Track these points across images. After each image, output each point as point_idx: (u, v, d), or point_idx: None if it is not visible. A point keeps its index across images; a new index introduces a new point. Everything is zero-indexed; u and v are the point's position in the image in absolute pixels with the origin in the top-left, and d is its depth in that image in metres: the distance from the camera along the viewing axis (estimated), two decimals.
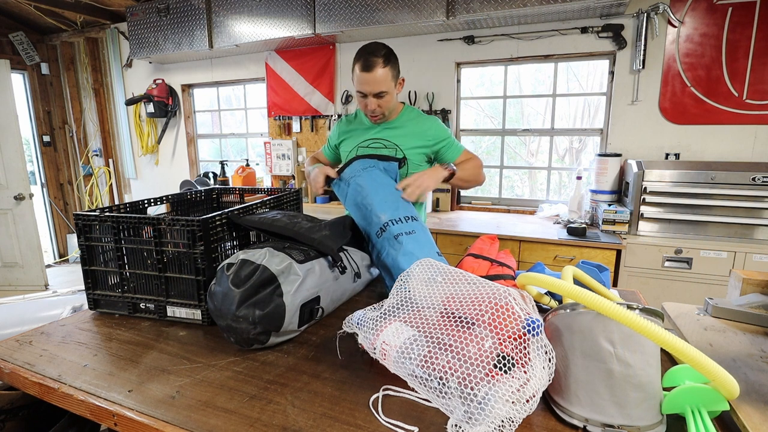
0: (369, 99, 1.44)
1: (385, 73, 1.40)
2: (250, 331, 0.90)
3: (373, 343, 0.79)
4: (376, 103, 1.45)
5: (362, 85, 1.42)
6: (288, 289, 0.93)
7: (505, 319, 0.71)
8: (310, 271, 1.00)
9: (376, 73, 1.39)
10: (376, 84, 1.40)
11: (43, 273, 4.15)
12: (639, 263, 2.30)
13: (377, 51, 1.40)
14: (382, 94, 1.43)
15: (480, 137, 3.48)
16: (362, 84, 1.42)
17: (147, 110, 4.21)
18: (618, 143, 2.75)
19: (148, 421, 0.71)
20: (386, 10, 2.83)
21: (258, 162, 4.11)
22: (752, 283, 1.04)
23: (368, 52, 1.39)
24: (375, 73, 1.39)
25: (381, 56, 1.39)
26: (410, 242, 1.19)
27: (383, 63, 1.39)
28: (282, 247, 1.03)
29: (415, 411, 0.73)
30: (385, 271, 1.21)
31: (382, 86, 1.41)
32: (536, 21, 2.76)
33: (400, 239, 1.20)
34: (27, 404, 1.01)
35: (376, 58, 1.38)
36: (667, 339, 0.58)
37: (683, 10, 2.48)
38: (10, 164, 3.94)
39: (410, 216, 1.25)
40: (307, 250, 1.06)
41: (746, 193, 2.18)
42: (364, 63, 1.39)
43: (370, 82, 1.40)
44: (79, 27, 4.41)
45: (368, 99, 1.44)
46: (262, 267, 0.93)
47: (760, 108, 2.43)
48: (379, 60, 1.38)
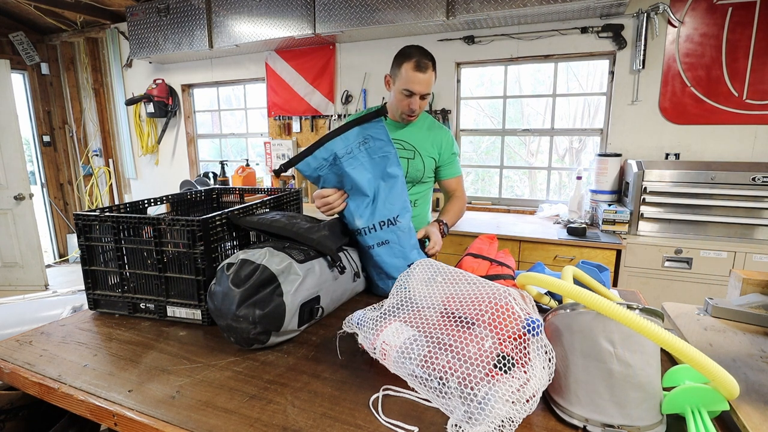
0: (414, 98, 1.48)
1: (432, 76, 1.48)
2: (250, 330, 0.90)
3: (373, 343, 0.79)
4: (420, 103, 1.50)
5: (415, 84, 1.45)
6: (288, 289, 0.93)
7: (505, 319, 0.71)
8: (310, 271, 1.00)
9: (429, 76, 1.45)
10: (428, 86, 1.47)
11: (43, 273, 4.15)
12: (639, 263, 2.30)
13: (428, 54, 1.47)
14: (427, 96, 1.50)
15: (480, 137, 3.48)
16: (415, 83, 1.45)
17: (147, 110, 4.21)
18: (618, 143, 2.75)
19: (148, 421, 0.71)
20: (386, 10, 2.82)
21: (258, 162, 4.11)
22: (752, 283, 1.04)
23: (421, 54, 1.45)
24: (428, 76, 1.45)
25: (431, 60, 1.47)
26: (382, 254, 1.19)
27: (433, 67, 1.47)
28: (282, 247, 1.03)
29: (415, 411, 0.73)
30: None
31: (430, 88, 1.49)
32: (536, 21, 2.76)
33: (371, 251, 1.19)
34: (27, 404, 1.01)
35: (429, 61, 1.45)
36: (667, 339, 0.58)
37: (683, 10, 2.48)
38: (10, 164, 3.94)
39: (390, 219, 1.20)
40: (307, 250, 1.07)
41: (746, 193, 2.18)
42: (419, 64, 1.43)
43: (423, 83, 1.45)
44: (79, 27, 4.41)
45: (413, 98, 1.48)
46: (262, 267, 0.93)
47: (760, 108, 2.43)
48: (430, 63, 1.46)
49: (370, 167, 1.21)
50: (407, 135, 1.60)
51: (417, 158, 1.59)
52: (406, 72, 1.45)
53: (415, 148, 1.59)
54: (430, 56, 1.47)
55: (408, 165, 1.59)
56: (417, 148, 1.59)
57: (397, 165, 1.24)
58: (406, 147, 1.60)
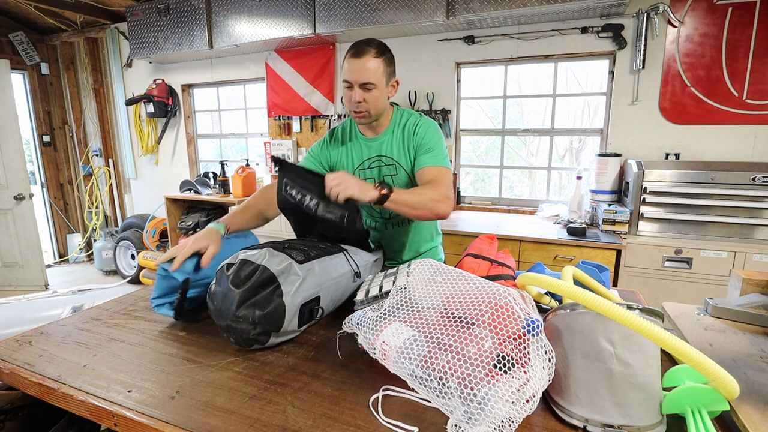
0: (354, 90, 1.28)
1: (377, 64, 1.27)
2: (250, 331, 0.90)
3: (373, 343, 0.79)
4: (362, 95, 1.29)
5: (349, 73, 1.28)
6: (288, 290, 0.93)
7: (505, 319, 0.71)
8: (310, 272, 1.00)
9: (366, 61, 1.26)
10: (364, 72, 1.26)
11: (43, 273, 4.15)
12: (639, 263, 2.30)
13: (372, 41, 1.29)
14: (370, 86, 1.28)
15: (480, 137, 3.48)
16: (349, 72, 1.28)
17: (147, 110, 4.21)
18: (618, 143, 2.75)
19: (148, 421, 0.71)
20: (386, 10, 2.82)
21: (258, 162, 4.10)
22: (752, 283, 1.04)
23: (362, 42, 1.29)
24: (365, 61, 1.26)
25: (374, 46, 1.28)
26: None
27: (376, 53, 1.28)
28: (282, 248, 1.03)
29: (415, 411, 0.73)
30: None
31: (370, 76, 1.27)
32: (536, 21, 2.76)
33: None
34: (27, 404, 1.01)
35: (369, 47, 1.27)
36: (667, 339, 0.58)
37: (683, 10, 2.48)
38: (10, 164, 3.94)
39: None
40: (307, 251, 1.06)
41: (746, 193, 2.18)
42: (355, 50, 1.27)
43: (358, 69, 1.26)
44: (79, 27, 4.41)
45: (353, 90, 1.28)
46: (262, 267, 0.93)
47: (760, 108, 2.43)
48: (371, 49, 1.27)
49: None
50: (384, 147, 1.42)
51: (400, 172, 1.42)
52: (344, 63, 1.29)
53: (395, 161, 1.41)
54: (377, 43, 1.29)
55: (392, 182, 1.42)
56: (396, 160, 1.41)
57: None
58: (386, 162, 1.42)
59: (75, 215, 5.09)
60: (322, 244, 1.16)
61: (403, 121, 1.42)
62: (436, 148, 1.37)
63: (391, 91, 1.38)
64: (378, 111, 1.35)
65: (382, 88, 1.31)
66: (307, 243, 1.14)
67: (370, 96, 1.30)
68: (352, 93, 1.30)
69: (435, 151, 1.37)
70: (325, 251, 1.12)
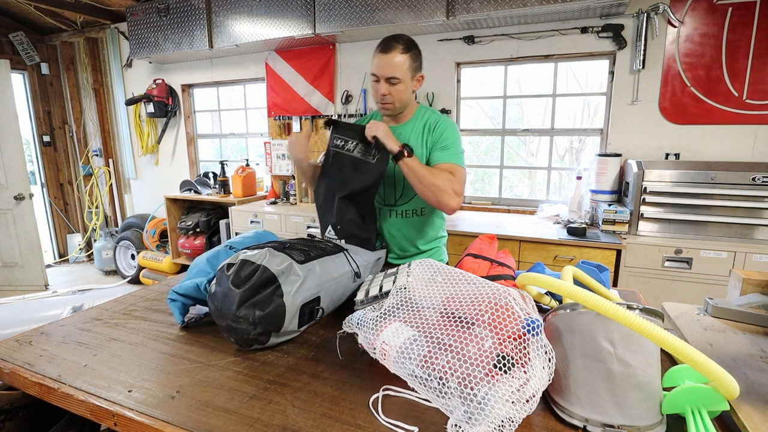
0: (381, 83, 1.39)
1: (403, 60, 1.36)
2: (251, 331, 0.90)
3: (373, 343, 0.79)
4: (388, 89, 1.38)
5: (377, 67, 1.37)
6: (288, 290, 0.93)
7: (505, 319, 0.71)
8: (311, 272, 1.00)
9: (393, 57, 1.35)
10: (390, 68, 1.35)
11: (43, 273, 4.15)
12: (639, 263, 2.30)
13: (400, 38, 1.38)
14: (395, 80, 1.37)
15: (480, 137, 3.48)
16: (377, 66, 1.37)
17: (147, 110, 4.20)
18: (618, 143, 2.75)
19: (148, 421, 0.71)
20: (386, 10, 2.82)
21: (258, 162, 4.10)
22: (752, 283, 1.04)
23: (391, 38, 1.37)
24: (392, 57, 1.35)
25: (402, 43, 1.36)
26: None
27: (403, 49, 1.36)
28: (282, 248, 1.03)
29: (415, 411, 0.73)
30: None
31: (396, 71, 1.36)
32: (536, 21, 2.76)
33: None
34: (27, 404, 1.01)
35: (397, 43, 1.36)
36: (667, 339, 0.58)
37: (683, 10, 2.48)
38: (10, 164, 3.94)
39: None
40: (308, 251, 1.06)
41: (746, 193, 2.18)
42: (384, 45, 1.36)
43: (385, 64, 1.36)
44: (79, 27, 4.41)
45: (380, 83, 1.39)
46: (263, 267, 0.93)
47: (760, 108, 2.43)
48: (399, 45, 1.35)
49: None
50: (403, 136, 1.49)
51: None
52: (373, 57, 1.39)
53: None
54: (405, 39, 1.37)
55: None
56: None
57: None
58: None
59: (75, 215, 5.09)
60: (322, 244, 1.17)
61: (425, 117, 1.50)
62: (453, 146, 1.44)
63: (416, 85, 1.46)
64: (402, 103, 1.45)
65: (407, 82, 1.40)
66: (308, 243, 1.15)
67: (395, 89, 1.39)
68: (379, 86, 1.40)
69: (451, 149, 1.44)
70: (325, 251, 1.12)
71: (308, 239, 1.22)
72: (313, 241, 1.19)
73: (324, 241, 1.22)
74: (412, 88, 1.45)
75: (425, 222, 1.58)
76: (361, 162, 1.41)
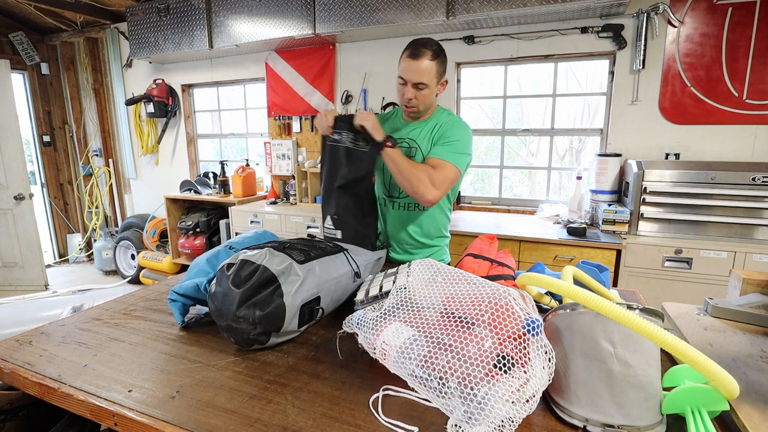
0: (407, 87, 1.42)
1: (431, 66, 1.39)
2: (251, 331, 0.90)
3: (373, 343, 0.79)
4: (414, 93, 1.43)
5: (405, 71, 1.41)
6: (288, 290, 0.93)
7: (505, 319, 0.71)
8: (311, 272, 1.00)
9: (421, 63, 1.38)
10: (419, 73, 1.39)
11: (43, 273, 4.15)
12: (639, 263, 2.30)
13: (429, 44, 1.40)
14: (422, 86, 1.41)
15: (479, 137, 3.48)
16: (405, 70, 1.41)
17: (147, 110, 4.21)
18: (618, 143, 2.75)
19: (148, 421, 0.71)
20: (386, 10, 2.82)
21: (258, 162, 4.11)
22: (752, 283, 1.04)
23: (420, 43, 1.40)
24: (420, 63, 1.38)
25: (431, 49, 1.39)
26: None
27: (431, 56, 1.39)
28: (282, 248, 1.03)
29: (415, 411, 0.73)
30: None
31: (423, 77, 1.40)
32: (536, 21, 2.76)
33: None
34: (27, 404, 1.01)
35: (426, 49, 1.38)
36: (667, 339, 0.58)
37: (683, 10, 2.48)
38: (10, 164, 3.94)
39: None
40: (308, 251, 1.07)
41: (746, 193, 2.18)
42: (413, 51, 1.39)
43: (413, 70, 1.39)
44: (79, 27, 4.41)
45: (407, 87, 1.43)
46: (263, 267, 0.93)
47: (760, 108, 2.43)
48: (428, 51, 1.38)
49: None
50: (415, 133, 1.54)
51: (417, 156, 1.52)
52: (401, 60, 1.43)
53: (418, 145, 1.53)
54: (434, 46, 1.40)
55: None
56: (419, 145, 1.52)
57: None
58: (411, 145, 1.54)
59: (75, 215, 5.09)
60: (322, 245, 1.17)
61: (441, 119, 1.54)
62: (452, 144, 1.46)
63: (441, 89, 1.50)
64: (426, 106, 1.50)
65: (432, 87, 1.44)
66: (308, 243, 1.15)
67: (421, 94, 1.44)
68: (405, 89, 1.43)
69: (449, 147, 1.45)
70: (325, 251, 1.12)
71: (308, 239, 1.22)
72: (313, 241, 1.19)
73: (324, 242, 1.22)
74: (436, 93, 1.49)
75: (425, 216, 1.60)
76: (353, 151, 1.45)
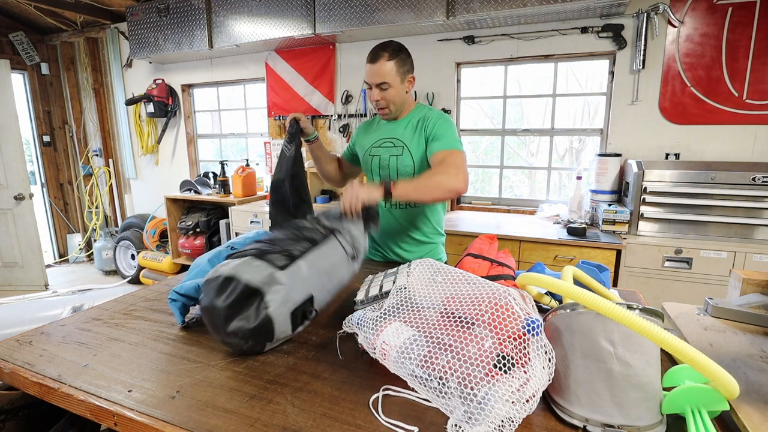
0: (373, 90, 1.51)
1: (390, 66, 1.46)
2: (243, 345, 0.90)
3: (373, 343, 0.79)
4: (380, 94, 1.50)
5: (367, 76, 1.50)
6: (273, 299, 0.89)
7: (505, 319, 0.71)
8: (296, 275, 0.95)
9: (380, 65, 1.46)
10: (378, 75, 1.47)
11: (43, 273, 4.15)
12: (639, 263, 2.30)
13: (387, 46, 1.48)
14: (385, 85, 1.48)
15: (480, 137, 3.48)
16: (367, 75, 1.50)
17: (147, 110, 4.20)
18: (618, 143, 2.75)
19: (148, 421, 0.71)
20: (386, 10, 2.82)
21: (258, 162, 4.10)
22: (752, 283, 1.04)
23: (378, 47, 1.49)
24: (379, 65, 1.46)
25: (388, 51, 1.47)
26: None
27: (389, 56, 1.46)
28: (263, 254, 0.96)
29: (415, 411, 0.73)
30: None
31: (385, 77, 1.47)
32: (536, 21, 2.76)
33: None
34: (27, 404, 1.01)
35: (383, 51, 1.46)
36: (667, 339, 0.58)
37: (683, 10, 2.48)
38: (10, 164, 3.94)
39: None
40: (292, 249, 1.00)
41: (746, 193, 2.18)
42: (371, 56, 1.48)
43: (373, 72, 1.47)
44: (79, 27, 4.41)
45: (372, 90, 1.51)
46: (243, 284, 0.88)
47: (760, 108, 2.43)
48: (385, 53, 1.46)
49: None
50: (397, 132, 1.59)
51: (405, 154, 1.56)
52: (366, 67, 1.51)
53: (404, 143, 1.56)
54: (391, 47, 1.47)
55: (396, 162, 1.57)
56: (405, 143, 1.56)
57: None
58: (395, 144, 1.58)
59: (75, 215, 5.09)
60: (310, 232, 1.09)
61: (421, 114, 1.59)
62: (446, 135, 1.50)
63: (408, 86, 1.55)
64: (396, 105, 1.55)
65: (397, 86, 1.50)
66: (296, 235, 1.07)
67: (386, 94, 1.50)
68: (372, 93, 1.52)
69: (444, 138, 1.50)
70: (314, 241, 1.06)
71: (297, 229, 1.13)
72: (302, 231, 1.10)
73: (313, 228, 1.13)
74: (405, 90, 1.54)
75: (420, 213, 1.62)
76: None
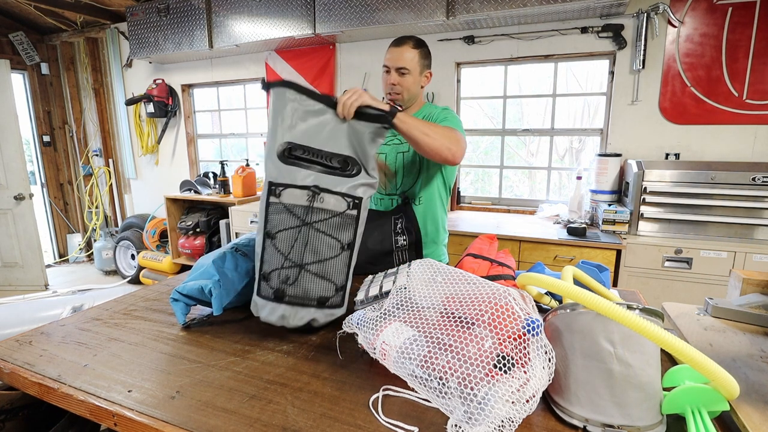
0: (391, 73, 1.49)
1: (413, 54, 1.47)
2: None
3: (373, 343, 0.79)
4: (398, 79, 1.48)
5: (388, 59, 1.48)
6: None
7: (505, 319, 0.71)
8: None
9: (403, 49, 1.46)
10: (401, 59, 1.46)
11: (43, 273, 4.15)
12: (639, 263, 2.30)
13: (412, 37, 1.50)
14: (404, 71, 1.47)
15: (479, 137, 3.48)
16: (388, 58, 1.48)
17: (147, 110, 4.20)
18: (618, 143, 2.75)
19: (148, 421, 0.71)
20: (386, 10, 2.82)
21: (258, 162, 4.10)
22: (752, 283, 1.04)
23: (404, 36, 1.50)
24: (403, 49, 1.46)
25: (414, 40, 1.49)
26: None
27: (414, 45, 1.48)
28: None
29: (415, 411, 0.73)
30: None
31: (406, 63, 1.46)
32: (536, 21, 2.76)
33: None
34: (27, 404, 1.01)
35: (410, 39, 1.48)
36: (667, 339, 0.58)
37: (683, 10, 2.48)
38: (10, 164, 3.94)
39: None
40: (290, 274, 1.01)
41: (746, 193, 2.18)
42: (396, 40, 1.48)
43: (395, 56, 1.47)
44: (79, 27, 4.41)
45: (390, 74, 1.49)
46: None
47: (760, 108, 2.43)
48: (410, 41, 1.48)
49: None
50: None
51: (411, 151, 1.52)
52: (386, 52, 1.50)
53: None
54: (417, 38, 1.49)
55: (402, 158, 1.54)
56: None
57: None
58: (402, 141, 1.53)
59: (75, 215, 5.09)
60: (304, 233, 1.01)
61: (429, 111, 1.57)
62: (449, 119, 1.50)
63: (425, 81, 1.56)
64: (410, 95, 1.52)
65: (415, 75, 1.49)
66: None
67: (404, 80, 1.48)
68: (389, 76, 1.49)
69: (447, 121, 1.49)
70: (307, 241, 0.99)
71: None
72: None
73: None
74: (421, 83, 1.53)
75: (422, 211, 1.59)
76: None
